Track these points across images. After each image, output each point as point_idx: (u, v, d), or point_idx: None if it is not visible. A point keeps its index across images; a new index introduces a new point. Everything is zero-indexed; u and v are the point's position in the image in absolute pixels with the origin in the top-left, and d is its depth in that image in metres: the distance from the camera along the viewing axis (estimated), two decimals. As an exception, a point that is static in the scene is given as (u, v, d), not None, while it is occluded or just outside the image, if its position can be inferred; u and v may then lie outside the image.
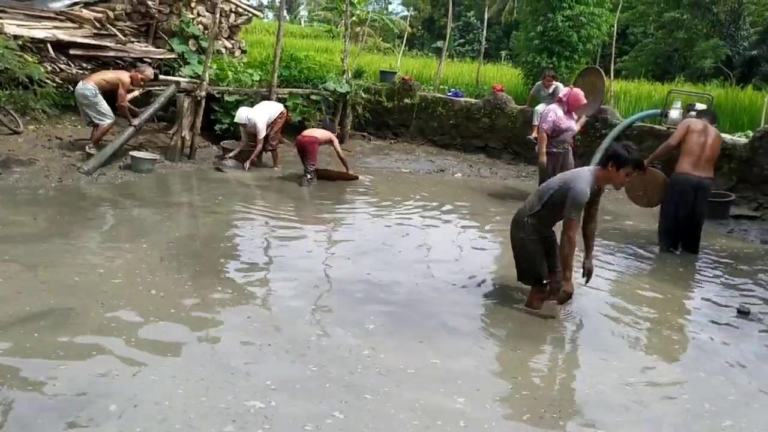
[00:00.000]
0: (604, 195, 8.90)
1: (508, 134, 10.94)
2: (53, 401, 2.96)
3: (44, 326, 3.68)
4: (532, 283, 4.56)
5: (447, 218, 7.24)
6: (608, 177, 4.18)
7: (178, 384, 3.19)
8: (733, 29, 22.64)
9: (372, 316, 4.23)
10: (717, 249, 6.65)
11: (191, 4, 10.80)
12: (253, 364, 3.47)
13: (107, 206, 6.50)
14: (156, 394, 3.07)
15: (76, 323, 3.76)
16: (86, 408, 2.91)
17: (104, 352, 3.45)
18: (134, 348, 3.54)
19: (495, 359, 3.84)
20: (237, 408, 3.02)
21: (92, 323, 3.77)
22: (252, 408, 3.04)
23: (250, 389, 3.20)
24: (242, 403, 3.06)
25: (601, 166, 4.26)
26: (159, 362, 3.41)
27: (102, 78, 8.03)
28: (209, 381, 3.24)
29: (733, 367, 3.92)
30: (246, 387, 3.22)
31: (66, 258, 4.84)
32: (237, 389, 3.18)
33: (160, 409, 2.96)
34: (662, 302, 5.02)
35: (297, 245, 5.77)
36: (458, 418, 3.11)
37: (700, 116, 6.65)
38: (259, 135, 8.65)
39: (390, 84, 11.87)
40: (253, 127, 8.64)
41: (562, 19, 11.10)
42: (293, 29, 30.57)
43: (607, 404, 3.38)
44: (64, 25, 9.35)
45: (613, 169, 4.14)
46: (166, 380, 3.21)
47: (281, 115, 9.01)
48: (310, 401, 3.15)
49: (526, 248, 4.45)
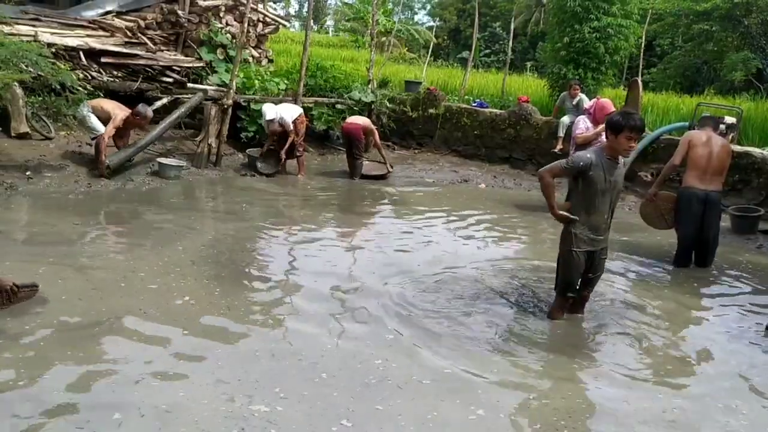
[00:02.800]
0: (625, 209, 8.84)
1: (533, 145, 10.89)
2: (56, 409, 2.97)
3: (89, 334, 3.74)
4: (558, 292, 4.53)
5: (470, 229, 7.21)
6: (611, 146, 4.20)
7: (185, 389, 3.21)
8: (764, 42, 22.26)
9: (391, 326, 4.22)
10: (744, 264, 6.52)
11: (220, 14, 10.96)
12: (263, 371, 3.48)
13: (137, 212, 6.60)
14: (160, 400, 3.09)
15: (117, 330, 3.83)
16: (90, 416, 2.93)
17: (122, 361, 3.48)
18: (152, 356, 3.59)
19: (515, 370, 3.80)
20: (242, 412, 3.04)
21: (128, 332, 3.83)
22: (257, 412, 3.05)
23: (257, 395, 3.21)
24: (247, 407, 3.08)
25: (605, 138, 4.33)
26: (170, 369, 3.43)
27: (100, 104, 7.88)
28: (219, 387, 3.26)
29: (756, 388, 3.83)
30: (254, 393, 3.23)
31: (110, 262, 4.99)
32: (244, 395, 3.20)
33: (165, 415, 2.98)
34: (683, 318, 4.95)
35: (320, 254, 5.78)
36: (472, 429, 3.09)
37: (701, 127, 6.42)
38: (288, 128, 8.82)
39: (415, 94, 11.90)
40: (281, 122, 8.75)
41: (589, 30, 11.04)
42: (319, 38, 30.80)
43: (624, 418, 3.32)
44: (96, 34, 9.56)
45: (613, 137, 4.15)
46: (174, 386, 3.24)
47: (301, 118, 9.16)
48: (317, 408, 3.15)
49: (566, 259, 4.41)
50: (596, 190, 4.20)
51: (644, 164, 9.54)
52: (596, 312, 4.77)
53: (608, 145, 4.22)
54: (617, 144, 4.15)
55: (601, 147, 4.31)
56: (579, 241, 4.31)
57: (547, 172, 4.27)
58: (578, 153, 4.30)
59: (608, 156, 4.21)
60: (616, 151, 4.20)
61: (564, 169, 4.24)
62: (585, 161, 4.15)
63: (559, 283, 4.50)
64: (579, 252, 4.33)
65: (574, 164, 4.18)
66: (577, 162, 4.17)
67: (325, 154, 10.94)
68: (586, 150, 4.36)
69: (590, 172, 4.14)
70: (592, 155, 4.18)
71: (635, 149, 9.19)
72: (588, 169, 4.13)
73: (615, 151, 4.20)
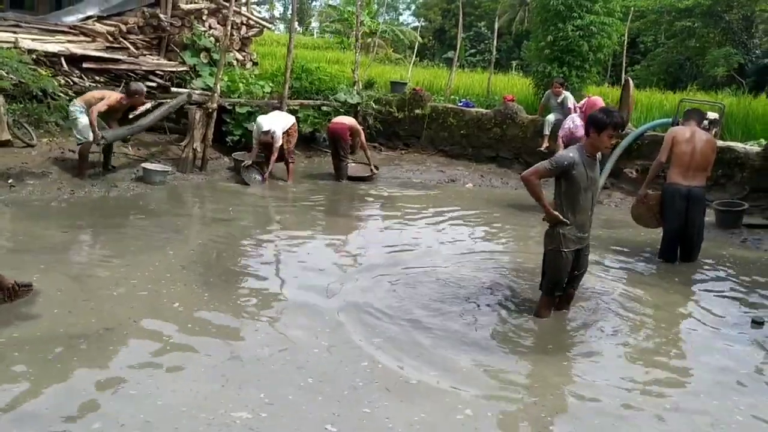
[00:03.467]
0: (611, 206, 8.90)
1: (519, 144, 10.91)
2: (34, 420, 2.92)
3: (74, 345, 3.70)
4: (545, 291, 4.53)
5: (458, 229, 7.22)
6: (593, 143, 4.23)
7: (165, 398, 3.17)
8: (745, 37, 22.52)
9: (379, 329, 4.21)
10: (729, 258, 6.57)
11: (203, 17, 10.91)
12: (247, 377, 3.45)
13: (124, 218, 6.55)
14: (140, 409, 3.05)
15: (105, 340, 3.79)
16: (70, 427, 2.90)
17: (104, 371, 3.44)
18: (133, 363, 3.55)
19: (503, 370, 3.80)
20: (224, 419, 3.01)
21: (115, 341, 3.79)
22: (239, 419, 3.03)
23: (240, 401, 3.19)
24: (230, 414, 3.05)
25: (586, 135, 4.33)
26: (152, 377, 3.39)
27: (91, 94, 7.84)
28: (201, 394, 3.23)
29: (742, 382, 3.86)
30: (237, 399, 3.21)
31: (100, 269, 4.94)
32: (227, 401, 3.17)
33: (145, 424, 2.94)
34: (669, 312, 4.98)
35: (307, 258, 5.76)
36: (459, 429, 3.09)
37: (686, 121, 6.44)
38: (276, 143, 8.72)
39: (401, 94, 11.90)
40: (272, 135, 8.68)
41: (573, 28, 11.08)
42: (304, 41, 30.74)
43: (612, 414, 3.34)
44: (78, 39, 9.49)
45: (595, 134, 4.18)
46: (154, 395, 3.20)
47: (293, 128, 9.11)
48: (302, 413, 3.13)
49: (554, 260, 4.41)
50: (579, 188, 4.22)
51: (629, 161, 9.58)
52: (583, 309, 4.79)
53: (590, 143, 4.24)
54: (599, 141, 4.18)
55: (581, 145, 4.33)
56: (567, 241, 4.33)
57: (532, 174, 4.26)
58: (560, 152, 4.32)
59: (588, 153, 4.24)
60: (597, 148, 4.23)
61: (549, 170, 4.23)
62: (569, 160, 4.16)
63: (547, 283, 4.51)
64: (568, 252, 4.35)
65: (558, 164, 4.19)
66: (561, 161, 4.18)
67: (312, 156, 10.91)
68: (567, 149, 4.37)
69: (573, 171, 4.16)
70: (575, 153, 4.20)
71: (621, 146, 9.34)
72: (571, 168, 4.15)
73: (596, 148, 4.23)
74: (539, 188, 4.29)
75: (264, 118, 8.84)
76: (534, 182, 4.25)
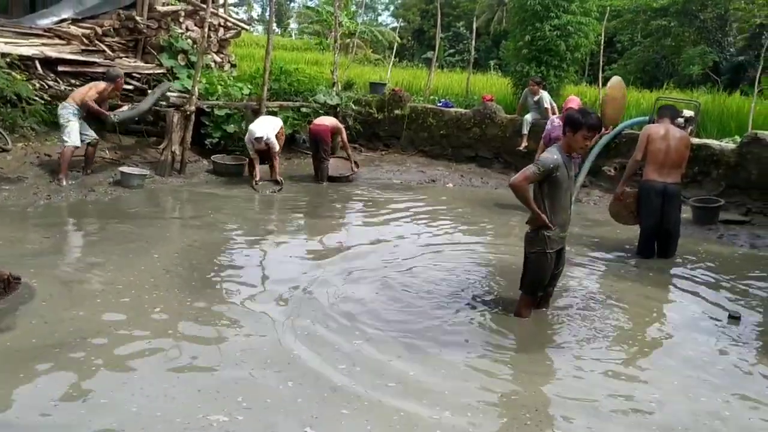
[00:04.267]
0: (590, 204, 8.98)
1: (499, 144, 10.97)
2: (5, 430, 2.88)
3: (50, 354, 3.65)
4: (527, 292, 4.55)
5: (438, 229, 7.23)
6: (569, 143, 4.26)
7: (139, 404, 3.13)
8: (719, 36, 22.85)
9: (359, 331, 4.19)
10: (706, 254, 6.66)
11: (180, 19, 10.82)
12: (225, 381, 3.43)
13: (103, 223, 6.44)
14: (111, 418, 3.01)
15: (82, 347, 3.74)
16: None
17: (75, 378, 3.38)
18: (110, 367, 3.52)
19: (482, 369, 3.81)
20: (200, 423, 2.99)
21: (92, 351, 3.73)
22: (216, 422, 3.01)
23: (217, 405, 3.16)
24: (206, 418, 3.03)
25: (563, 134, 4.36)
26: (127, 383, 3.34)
27: (78, 92, 7.93)
28: (178, 399, 3.20)
29: (718, 375, 3.91)
30: (214, 403, 3.18)
31: (82, 276, 4.87)
32: (204, 405, 3.15)
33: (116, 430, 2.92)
34: (648, 308, 5.03)
35: (288, 259, 5.74)
36: (438, 428, 3.10)
37: (660, 118, 6.52)
38: (274, 149, 8.74)
39: (380, 95, 11.90)
40: (266, 142, 8.65)
41: (550, 28, 11.18)
42: (283, 42, 30.67)
43: (593, 411, 3.37)
44: (52, 42, 9.35)
45: (571, 134, 4.21)
46: (127, 402, 3.15)
47: (281, 131, 9.11)
48: (280, 416, 3.12)
49: (535, 262, 4.42)
50: (562, 189, 4.25)
51: (607, 159, 9.68)
52: (561, 307, 4.83)
53: (566, 142, 4.27)
54: (574, 141, 4.22)
55: (560, 145, 4.34)
56: (552, 242, 4.36)
57: (522, 180, 4.19)
58: (545, 156, 4.24)
59: (566, 153, 4.27)
60: (572, 148, 4.26)
61: (537, 174, 4.17)
62: (554, 162, 4.16)
63: (529, 284, 4.51)
64: (551, 253, 4.37)
65: (546, 167, 4.16)
66: (548, 165, 4.16)
67: (292, 158, 10.86)
68: (547, 151, 4.33)
69: (557, 172, 4.18)
70: (557, 155, 4.21)
71: (599, 144, 9.42)
72: (556, 170, 4.17)
73: (571, 148, 4.27)
74: (529, 193, 4.27)
75: (255, 125, 8.78)
76: (525, 188, 4.21)
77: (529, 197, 4.25)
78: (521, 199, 4.28)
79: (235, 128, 9.54)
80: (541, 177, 4.19)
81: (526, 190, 4.22)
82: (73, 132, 7.71)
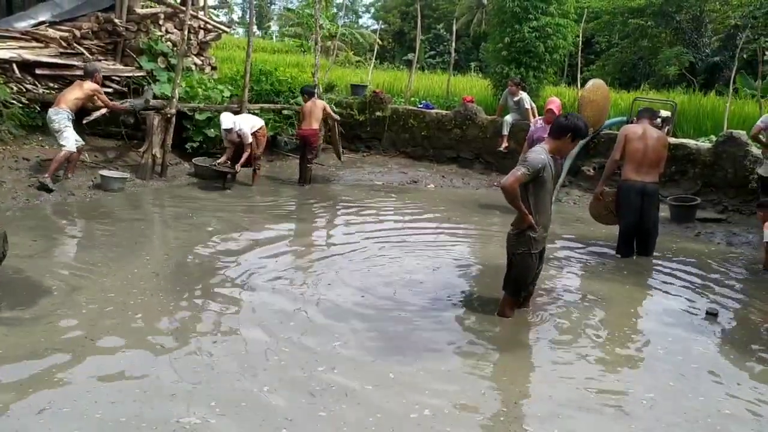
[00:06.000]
0: (569, 203, 9.08)
1: (479, 144, 11.05)
2: None
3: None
4: (511, 293, 4.59)
5: (420, 230, 7.28)
6: (560, 147, 4.34)
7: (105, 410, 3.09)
8: (695, 37, 23.16)
9: (337, 334, 4.17)
10: (683, 252, 6.78)
11: (159, 22, 10.75)
12: (200, 384, 3.40)
13: (84, 227, 6.41)
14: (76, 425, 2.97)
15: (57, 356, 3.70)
16: None
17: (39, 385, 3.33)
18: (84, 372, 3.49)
19: (463, 368, 3.83)
20: (171, 426, 2.97)
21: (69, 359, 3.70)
22: (187, 425, 2.98)
23: (190, 408, 3.14)
24: (176, 421, 3.01)
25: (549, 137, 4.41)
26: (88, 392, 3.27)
27: (64, 94, 7.89)
28: (149, 402, 3.17)
29: (695, 370, 3.99)
30: (186, 406, 3.16)
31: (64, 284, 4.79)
32: (175, 409, 3.12)
33: None
34: (627, 306, 5.11)
35: (269, 263, 5.69)
36: (414, 427, 3.11)
37: (639, 119, 6.62)
38: (246, 140, 8.70)
39: (361, 97, 11.93)
40: (239, 132, 8.62)
41: (529, 30, 11.29)
42: (264, 44, 30.54)
43: (575, 407, 3.41)
44: (30, 45, 9.24)
45: (561, 139, 4.29)
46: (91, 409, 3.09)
47: (262, 131, 9.08)
48: (255, 419, 3.10)
49: (520, 263, 4.44)
50: (546, 189, 4.30)
51: (587, 159, 9.81)
52: (543, 304, 4.89)
53: (556, 146, 4.31)
54: (564, 146, 4.29)
55: (543, 146, 4.36)
56: (536, 243, 4.40)
57: (514, 182, 4.16)
58: (532, 156, 4.23)
59: (551, 154, 4.32)
60: (561, 152, 4.33)
61: (528, 175, 4.17)
62: (542, 162, 4.19)
63: (513, 284, 4.54)
64: (536, 254, 4.43)
65: (534, 168, 4.17)
66: (536, 165, 4.17)
67: (274, 160, 10.85)
68: (533, 152, 4.32)
69: (544, 173, 4.22)
70: (544, 155, 4.23)
71: (578, 145, 9.51)
72: (543, 170, 4.21)
73: (560, 152, 4.33)
74: (519, 194, 4.23)
75: (226, 115, 8.77)
76: (516, 190, 4.18)
77: (519, 199, 4.23)
78: (511, 201, 4.27)
79: (216, 132, 9.51)
80: (531, 177, 4.20)
81: (517, 192, 4.20)
82: (71, 137, 7.74)
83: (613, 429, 3.24)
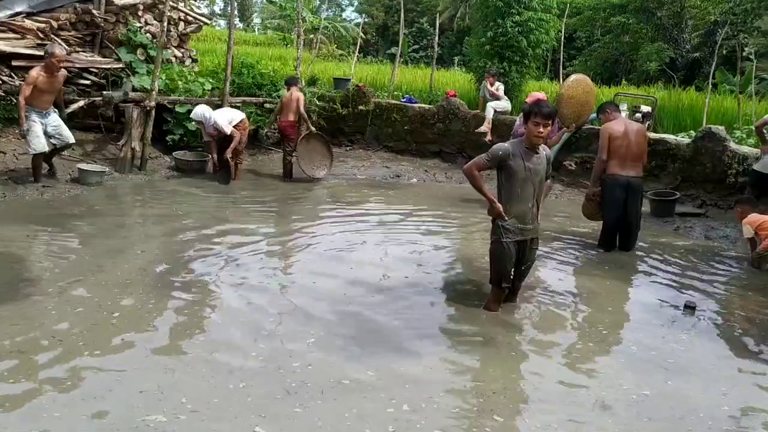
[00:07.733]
0: (551, 197, 9.12)
1: (462, 139, 11.04)
2: None
3: None
4: (493, 284, 4.62)
5: (403, 225, 7.27)
6: (526, 134, 4.42)
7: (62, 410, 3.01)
8: (676, 33, 23.36)
9: (314, 331, 4.12)
10: (663, 246, 6.84)
11: (138, 13, 10.58)
12: (171, 382, 3.35)
13: (62, 223, 6.28)
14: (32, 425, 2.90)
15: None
16: None
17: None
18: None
19: (445, 362, 3.83)
20: (135, 424, 2.90)
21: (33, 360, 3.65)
22: (152, 422, 2.92)
23: (158, 405, 3.08)
24: (141, 419, 2.94)
25: None
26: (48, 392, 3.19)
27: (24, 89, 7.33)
28: (109, 402, 3.11)
29: (675, 364, 4.02)
30: (155, 403, 3.10)
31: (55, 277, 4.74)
32: (144, 407, 3.06)
33: None
34: (608, 299, 5.14)
35: (250, 259, 5.62)
36: (390, 422, 3.09)
37: (606, 116, 6.67)
38: (225, 131, 8.59)
39: (344, 91, 11.87)
40: (213, 126, 8.52)
41: (512, 24, 11.31)
42: (246, 37, 30.31)
43: (558, 400, 3.44)
44: (6, 36, 9.06)
45: (525, 124, 4.40)
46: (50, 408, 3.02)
47: (243, 124, 8.97)
48: (228, 416, 3.05)
49: (493, 252, 4.54)
50: (517, 179, 4.37)
51: (568, 154, 9.84)
52: (527, 298, 4.91)
53: (525, 134, 4.43)
54: (528, 130, 4.36)
55: (521, 139, 4.50)
56: (507, 232, 4.44)
57: (472, 166, 4.45)
58: (496, 145, 4.50)
59: (526, 145, 4.38)
60: (529, 138, 4.37)
61: (486, 161, 4.41)
62: (504, 150, 4.35)
63: (493, 273, 4.60)
64: (508, 242, 4.45)
65: (494, 155, 4.37)
66: (496, 152, 4.37)
67: (256, 154, 10.78)
68: (505, 142, 4.56)
69: (509, 161, 4.34)
70: (510, 145, 4.41)
71: (561, 140, 9.56)
72: (507, 158, 4.33)
73: (529, 139, 4.38)
74: (480, 180, 4.46)
75: (200, 107, 8.67)
76: (474, 174, 4.43)
77: (479, 184, 4.44)
78: (472, 185, 4.51)
79: (196, 125, 9.41)
80: (491, 164, 4.40)
81: (476, 176, 4.43)
82: (35, 138, 7.30)
83: (592, 422, 3.25)
